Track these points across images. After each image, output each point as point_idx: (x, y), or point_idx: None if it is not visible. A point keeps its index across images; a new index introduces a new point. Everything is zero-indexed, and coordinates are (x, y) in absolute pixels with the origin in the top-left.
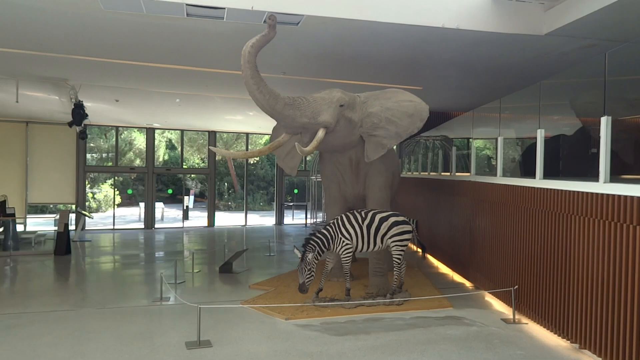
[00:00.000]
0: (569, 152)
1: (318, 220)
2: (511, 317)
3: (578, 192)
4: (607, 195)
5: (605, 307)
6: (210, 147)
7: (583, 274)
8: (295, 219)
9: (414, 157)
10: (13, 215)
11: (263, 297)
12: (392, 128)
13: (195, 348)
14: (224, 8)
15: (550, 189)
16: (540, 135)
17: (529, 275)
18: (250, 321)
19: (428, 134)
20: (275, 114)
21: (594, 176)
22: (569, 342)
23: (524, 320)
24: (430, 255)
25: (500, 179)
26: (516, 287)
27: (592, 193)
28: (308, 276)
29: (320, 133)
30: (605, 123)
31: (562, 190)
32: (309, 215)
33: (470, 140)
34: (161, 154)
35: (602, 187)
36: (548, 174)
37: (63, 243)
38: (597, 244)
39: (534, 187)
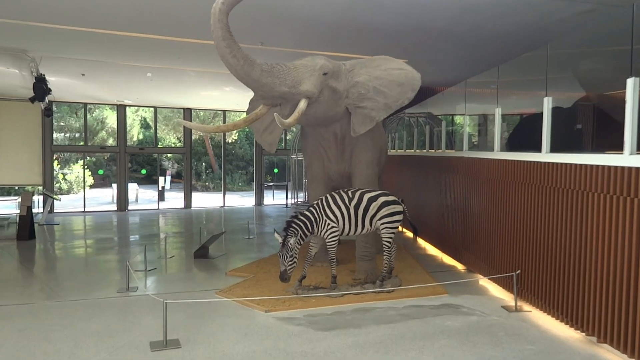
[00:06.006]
0: (563, 126)
1: (299, 200)
2: (512, 304)
3: (595, 165)
4: (632, 168)
5: (629, 296)
6: (179, 120)
7: (601, 257)
8: (275, 199)
9: (398, 135)
10: None
11: (241, 285)
12: (380, 99)
13: (161, 349)
14: None
15: (560, 163)
16: (548, 103)
17: (532, 259)
18: (226, 315)
19: (411, 110)
20: (250, 82)
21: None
22: (583, 334)
23: (526, 307)
24: (418, 236)
25: (497, 154)
26: (518, 271)
27: (613, 167)
28: (290, 263)
29: (302, 104)
30: (632, 85)
31: (575, 164)
32: (289, 196)
33: (462, 115)
34: (135, 133)
35: (627, 159)
36: (531, 149)
37: (26, 227)
38: (617, 224)
39: (540, 162)
